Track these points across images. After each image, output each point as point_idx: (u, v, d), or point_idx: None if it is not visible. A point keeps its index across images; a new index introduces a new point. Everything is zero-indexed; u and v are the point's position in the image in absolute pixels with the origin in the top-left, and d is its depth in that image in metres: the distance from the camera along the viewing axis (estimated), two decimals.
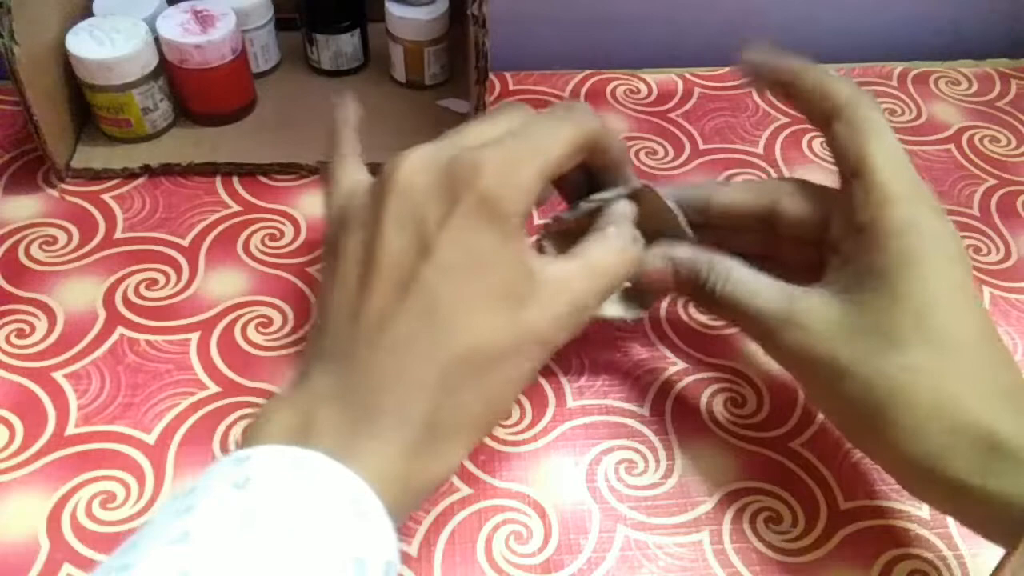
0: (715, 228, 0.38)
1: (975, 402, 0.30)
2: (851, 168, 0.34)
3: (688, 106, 0.57)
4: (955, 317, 0.31)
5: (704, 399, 0.42)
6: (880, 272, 0.31)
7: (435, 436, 0.29)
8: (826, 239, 0.35)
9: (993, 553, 0.37)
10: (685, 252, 0.36)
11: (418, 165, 0.30)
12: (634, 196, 0.37)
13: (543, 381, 0.42)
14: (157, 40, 0.49)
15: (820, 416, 0.41)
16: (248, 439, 0.28)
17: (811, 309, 0.33)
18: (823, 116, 0.35)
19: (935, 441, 0.30)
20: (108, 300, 0.44)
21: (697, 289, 0.36)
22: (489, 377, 0.30)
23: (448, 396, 0.29)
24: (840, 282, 0.33)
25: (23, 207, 0.49)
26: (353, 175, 0.35)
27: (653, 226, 0.37)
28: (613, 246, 0.34)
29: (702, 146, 0.55)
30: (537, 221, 0.47)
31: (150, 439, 0.39)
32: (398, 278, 0.29)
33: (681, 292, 0.37)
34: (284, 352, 0.42)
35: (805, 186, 0.37)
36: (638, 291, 0.40)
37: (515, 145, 0.31)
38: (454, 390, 0.29)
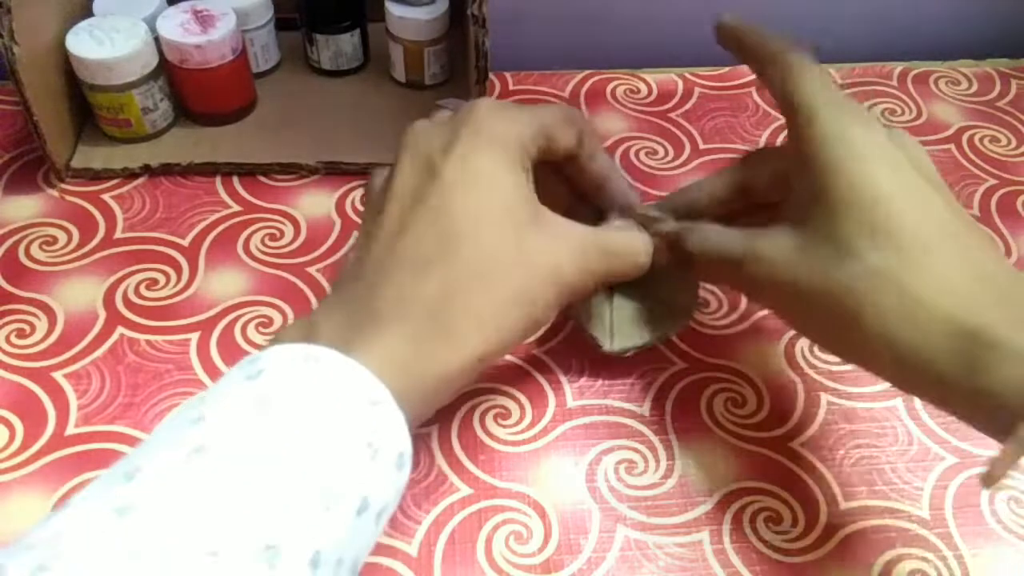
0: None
1: (945, 298, 0.29)
2: (784, 106, 0.35)
3: (688, 106, 0.57)
4: (904, 214, 0.31)
5: (704, 399, 0.42)
6: (819, 190, 0.32)
7: (440, 324, 0.30)
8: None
9: (993, 553, 0.37)
10: (669, 225, 0.38)
11: (430, 120, 0.35)
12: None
13: (543, 381, 0.42)
14: (157, 40, 0.49)
15: (820, 416, 0.41)
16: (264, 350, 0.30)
17: (768, 242, 0.34)
18: (760, 65, 0.37)
19: (911, 344, 0.29)
20: (108, 300, 0.44)
21: (682, 254, 0.37)
22: (494, 285, 0.31)
23: (451, 293, 0.31)
24: (793, 213, 0.34)
25: (23, 207, 0.49)
26: None
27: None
28: (624, 231, 0.37)
29: (702, 146, 0.55)
30: None
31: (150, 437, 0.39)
32: (410, 199, 0.32)
33: (669, 260, 0.38)
34: None
35: (763, 152, 0.39)
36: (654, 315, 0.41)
37: (512, 105, 0.35)
38: (457, 290, 0.31)
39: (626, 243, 0.37)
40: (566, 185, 0.39)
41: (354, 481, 0.26)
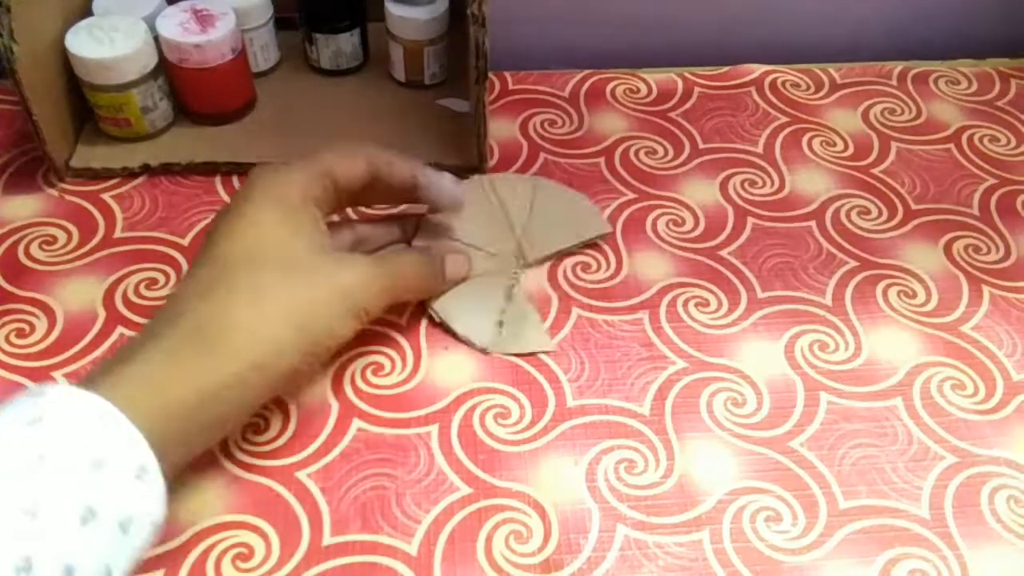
0: None
1: None
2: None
3: (688, 106, 0.57)
4: None
5: (704, 399, 0.42)
6: None
7: (204, 337, 0.32)
8: None
9: (993, 553, 0.37)
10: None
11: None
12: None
13: (543, 381, 0.42)
14: (157, 39, 0.49)
15: (820, 416, 0.41)
16: None
17: None
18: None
19: None
20: (108, 299, 0.44)
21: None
22: (264, 303, 0.34)
23: (217, 313, 0.33)
24: None
25: (23, 207, 0.49)
26: None
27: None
28: (412, 256, 0.43)
29: (702, 145, 0.55)
30: None
31: None
32: (191, 262, 0.38)
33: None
34: None
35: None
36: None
37: (291, 162, 0.39)
38: (224, 310, 0.33)
39: (413, 267, 0.41)
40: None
41: (72, 492, 0.27)
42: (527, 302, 0.45)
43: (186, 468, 0.34)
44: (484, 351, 0.43)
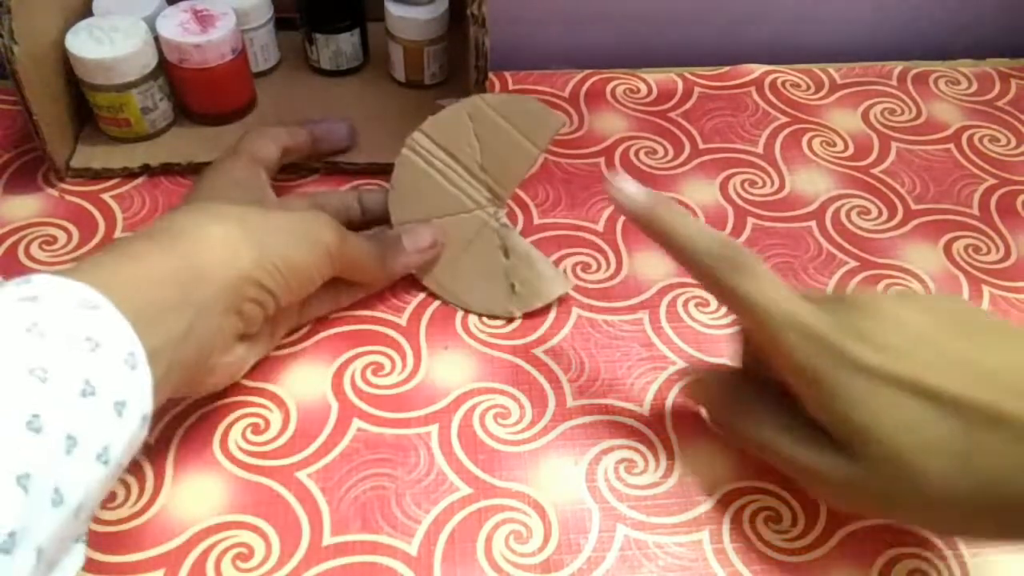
0: None
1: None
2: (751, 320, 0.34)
3: (688, 106, 0.57)
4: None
5: None
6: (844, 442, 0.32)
7: (153, 239, 0.33)
8: None
9: (993, 553, 0.37)
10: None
11: None
12: None
13: (543, 381, 0.42)
14: (157, 40, 0.49)
15: None
16: None
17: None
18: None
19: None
20: None
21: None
22: (216, 207, 0.36)
23: (169, 219, 0.35)
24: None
25: (23, 207, 0.49)
26: None
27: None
28: (371, 242, 0.43)
29: (702, 145, 0.55)
30: None
31: (150, 439, 0.39)
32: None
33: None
34: (284, 351, 0.42)
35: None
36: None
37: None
38: (176, 215, 0.35)
39: (363, 238, 0.42)
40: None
41: (72, 363, 0.27)
42: (525, 246, 0.45)
43: (168, 395, 0.33)
44: (512, 317, 0.43)
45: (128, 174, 0.51)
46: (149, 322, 0.30)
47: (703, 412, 0.40)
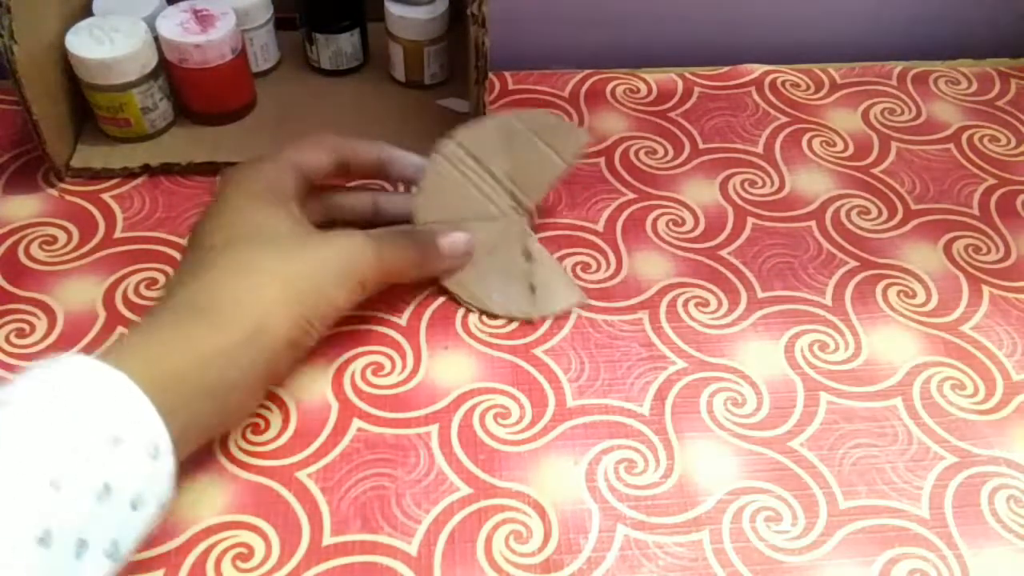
0: None
1: None
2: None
3: (688, 105, 0.57)
4: None
5: (704, 399, 0.42)
6: None
7: (199, 309, 0.33)
8: None
9: (993, 553, 0.37)
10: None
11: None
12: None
13: (543, 381, 0.42)
14: (157, 40, 0.49)
15: (820, 416, 0.41)
16: None
17: None
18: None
19: None
20: (108, 300, 0.44)
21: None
22: (252, 276, 0.35)
23: (210, 289, 0.34)
24: None
25: (23, 207, 0.49)
26: None
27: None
28: (405, 237, 0.42)
29: (702, 145, 0.55)
30: None
31: None
32: (188, 243, 0.38)
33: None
34: None
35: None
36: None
37: (264, 157, 0.41)
38: (215, 285, 0.34)
39: (402, 239, 0.42)
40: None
41: (90, 467, 0.27)
42: (546, 254, 0.46)
43: (191, 454, 0.34)
44: (530, 320, 0.44)
45: (128, 174, 0.51)
46: (178, 409, 0.30)
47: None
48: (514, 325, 0.44)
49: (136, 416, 0.29)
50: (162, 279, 0.45)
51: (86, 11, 0.51)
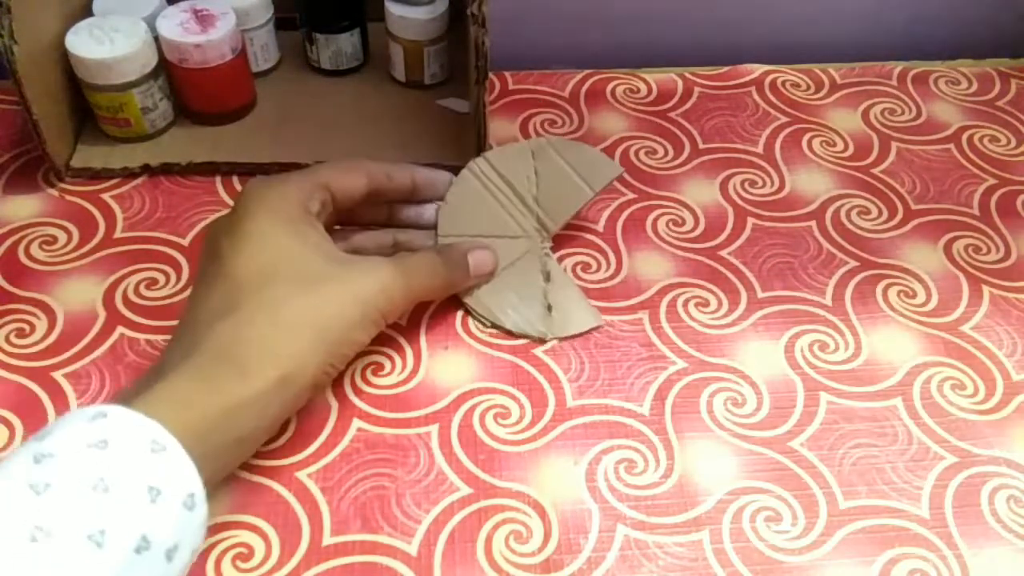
0: None
1: None
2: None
3: (688, 105, 0.57)
4: None
5: (704, 399, 0.42)
6: None
7: (227, 357, 0.33)
8: None
9: (993, 553, 0.37)
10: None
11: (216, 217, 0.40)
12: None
13: (543, 381, 0.42)
14: (157, 39, 0.49)
15: (820, 416, 0.41)
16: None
17: None
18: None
19: None
20: (108, 300, 0.44)
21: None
22: (280, 318, 0.34)
23: (237, 333, 0.33)
24: None
25: (23, 207, 0.49)
26: None
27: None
28: (428, 255, 0.41)
29: (702, 145, 0.55)
30: None
31: None
32: (203, 279, 0.36)
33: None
34: None
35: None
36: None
37: (286, 175, 0.39)
38: (243, 330, 0.33)
39: (430, 264, 0.41)
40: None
41: (130, 521, 0.28)
42: (566, 277, 0.46)
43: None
44: (543, 339, 0.43)
45: (128, 174, 0.51)
46: (208, 457, 0.31)
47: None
48: None
49: (173, 468, 0.29)
50: (162, 279, 0.45)
51: (86, 11, 0.51)
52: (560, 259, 0.47)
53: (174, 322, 0.43)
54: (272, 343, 0.33)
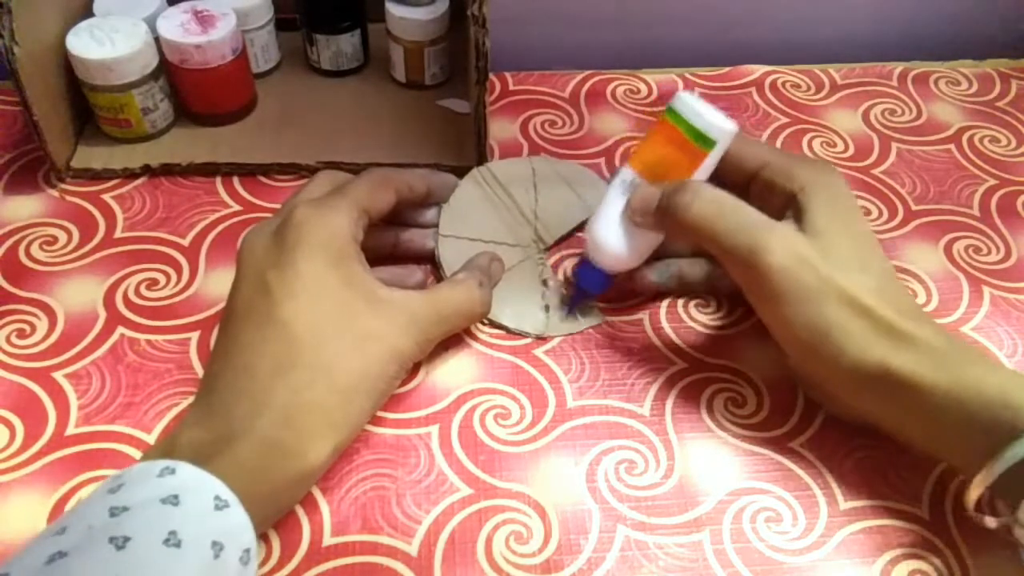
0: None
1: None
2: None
3: None
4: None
5: (704, 399, 0.42)
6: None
7: (291, 429, 0.33)
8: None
9: (993, 553, 0.37)
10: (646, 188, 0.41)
11: (253, 234, 0.38)
12: None
13: (543, 381, 0.42)
14: (157, 40, 0.49)
15: (820, 416, 0.41)
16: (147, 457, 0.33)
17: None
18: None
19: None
20: (108, 300, 0.44)
21: (662, 213, 0.39)
22: (337, 380, 0.35)
23: (298, 398, 0.34)
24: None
25: (23, 207, 0.49)
26: None
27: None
28: (459, 287, 0.40)
29: None
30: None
31: (150, 439, 0.39)
32: (250, 318, 0.36)
33: (647, 223, 0.41)
34: None
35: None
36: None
37: (329, 196, 0.39)
38: (303, 395, 0.34)
39: (459, 302, 0.40)
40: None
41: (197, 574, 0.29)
42: (562, 285, 0.46)
43: None
44: (540, 337, 0.44)
45: (128, 174, 0.51)
46: (263, 518, 0.33)
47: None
48: None
49: (235, 525, 0.31)
50: (162, 279, 0.45)
51: (87, 12, 0.51)
52: (559, 260, 0.47)
53: (174, 322, 0.43)
54: (331, 411, 0.35)
